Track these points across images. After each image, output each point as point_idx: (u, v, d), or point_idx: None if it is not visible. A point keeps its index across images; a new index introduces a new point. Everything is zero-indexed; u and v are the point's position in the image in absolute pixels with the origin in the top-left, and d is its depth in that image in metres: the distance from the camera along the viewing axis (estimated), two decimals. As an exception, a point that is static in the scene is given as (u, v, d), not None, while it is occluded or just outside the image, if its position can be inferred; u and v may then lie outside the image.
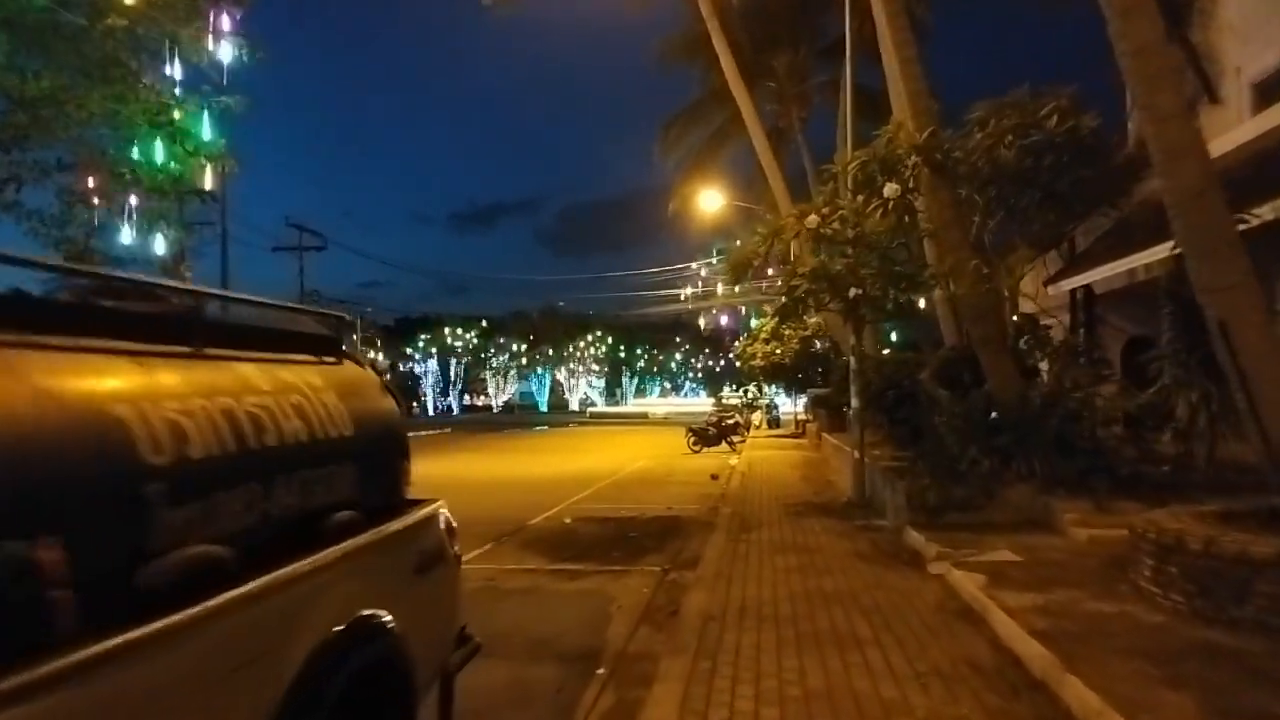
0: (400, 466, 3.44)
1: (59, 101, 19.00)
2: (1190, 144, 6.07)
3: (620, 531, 11.57)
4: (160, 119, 20.21)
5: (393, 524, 3.04)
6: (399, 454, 3.44)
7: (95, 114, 19.53)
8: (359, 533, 2.77)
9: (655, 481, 18.65)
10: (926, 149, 10.05)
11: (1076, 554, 7.76)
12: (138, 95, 19.69)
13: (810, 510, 12.08)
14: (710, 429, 28.14)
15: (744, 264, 11.81)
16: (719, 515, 12.02)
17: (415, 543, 3.26)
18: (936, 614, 6.23)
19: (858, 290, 10.35)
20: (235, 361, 2.56)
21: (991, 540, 8.39)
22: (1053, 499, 9.21)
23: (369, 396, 3.30)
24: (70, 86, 19.10)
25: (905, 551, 8.63)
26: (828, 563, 8.15)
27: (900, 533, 9.60)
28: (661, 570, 8.85)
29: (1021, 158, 10.10)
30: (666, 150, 28.91)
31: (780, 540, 9.58)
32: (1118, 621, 5.55)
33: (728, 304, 44.21)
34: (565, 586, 8.28)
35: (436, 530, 3.59)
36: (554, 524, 12.47)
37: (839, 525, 10.54)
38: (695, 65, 26.84)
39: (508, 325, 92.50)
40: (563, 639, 6.49)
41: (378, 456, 3.23)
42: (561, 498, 15.39)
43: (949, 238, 10.25)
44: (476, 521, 12.66)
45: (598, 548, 10.35)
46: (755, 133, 20.45)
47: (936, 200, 10.26)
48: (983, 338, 10.36)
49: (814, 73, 26.66)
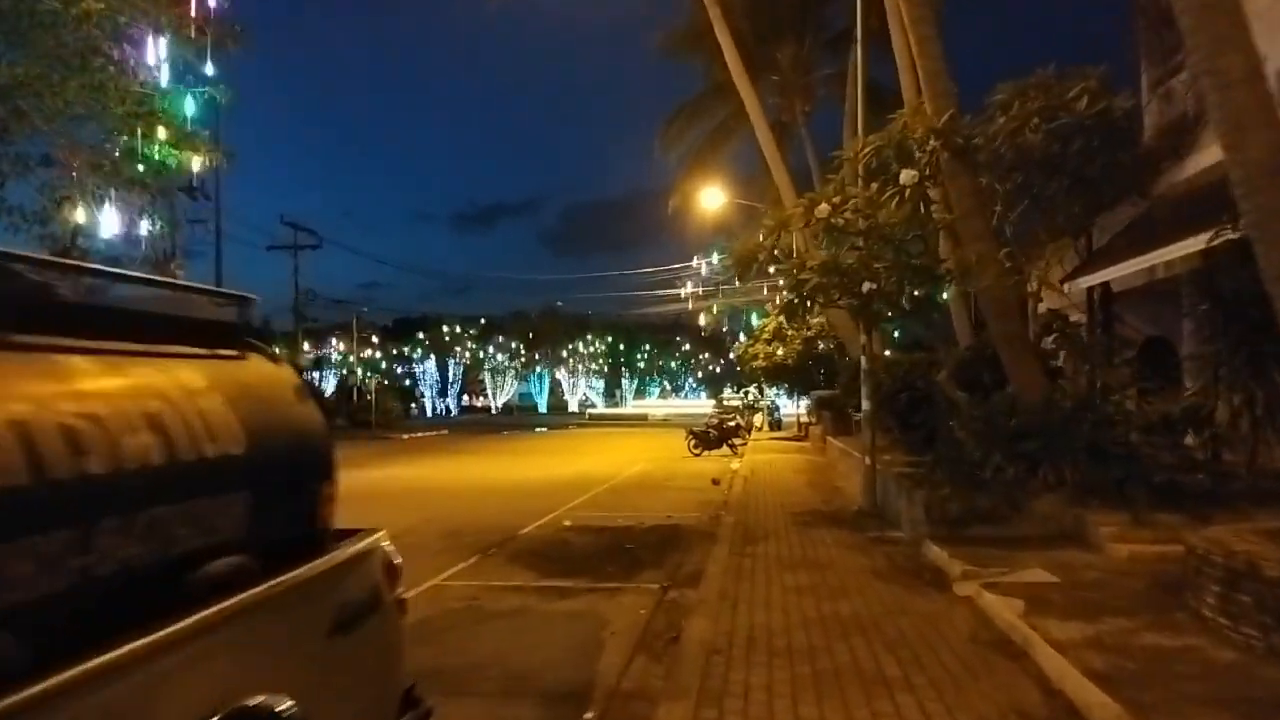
0: (320, 491, 2.67)
1: (37, 92, 18.26)
2: (1261, 113, 5.35)
3: (616, 542, 10.84)
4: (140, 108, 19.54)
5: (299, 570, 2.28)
6: (318, 475, 2.67)
7: (71, 102, 18.82)
8: (246, 586, 2.03)
9: (654, 486, 17.92)
10: (946, 132, 9.32)
11: (1118, 573, 7.03)
12: (116, 84, 19.01)
13: (819, 520, 11.35)
14: (711, 431, 27.40)
15: (749, 258, 11.08)
16: (721, 525, 11.30)
17: (334, 593, 2.50)
18: (971, 647, 5.50)
19: (871, 285, 9.62)
20: (61, 353, 1.84)
21: (1021, 557, 7.66)
22: (1085, 510, 8.49)
23: (278, 401, 2.54)
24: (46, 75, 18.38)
25: (926, 569, 7.90)
26: (842, 582, 7.41)
27: (918, 546, 8.87)
28: (660, 588, 8.11)
29: (1049, 142, 9.39)
30: (668, 146, 28.18)
31: (788, 554, 8.85)
32: (1185, 660, 4.82)
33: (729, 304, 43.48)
34: (554, 607, 7.54)
35: (369, 572, 2.83)
36: (547, 533, 11.74)
37: (851, 537, 9.81)
38: (698, 58, 26.11)
39: (507, 325, 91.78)
40: (548, 672, 5.76)
41: (285, 480, 2.47)
42: (556, 504, 14.66)
43: (970, 228, 9.52)
44: (465, 530, 11.96)
45: (592, 561, 9.62)
46: (759, 124, 19.73)
47: (957, 187, 9.53)
48: (1006, 336, 9.63)
49: (819, 65, 25.95)
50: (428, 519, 13.06)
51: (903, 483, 10.44)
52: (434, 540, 11.18)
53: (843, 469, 18.10)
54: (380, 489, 18.14)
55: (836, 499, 13.71)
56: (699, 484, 17.91)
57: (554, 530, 11.93)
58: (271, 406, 2.46)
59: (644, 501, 15.12)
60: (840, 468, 18.59)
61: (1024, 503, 8.85)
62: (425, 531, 11.90)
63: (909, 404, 13.18)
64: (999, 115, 9.89)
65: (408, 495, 16.91)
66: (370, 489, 18.11)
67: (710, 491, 16.44)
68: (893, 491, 11.04)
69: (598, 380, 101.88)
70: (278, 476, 2.38)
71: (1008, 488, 8.89)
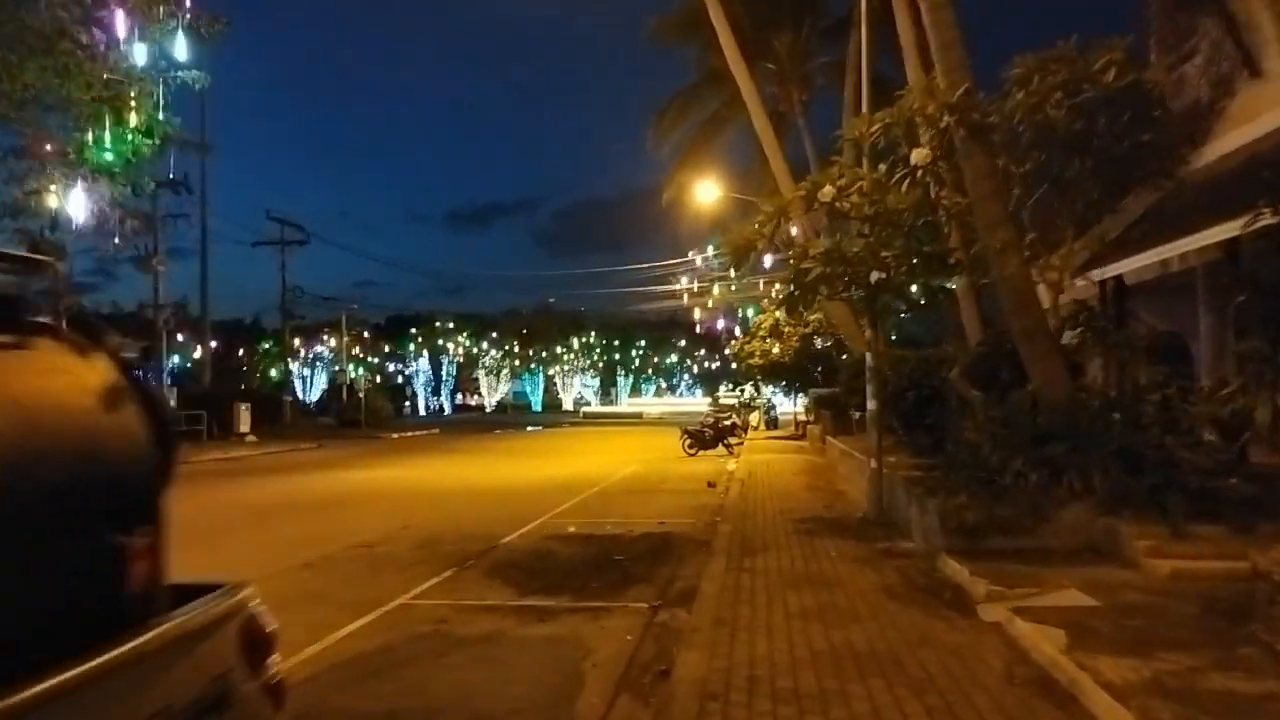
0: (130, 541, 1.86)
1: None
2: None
3: (604, 553, 10.06)
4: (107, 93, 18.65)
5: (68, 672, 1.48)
6: (129, 515, 1.86)
7: (32, 85, 17.91)
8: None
9: (647, 489, 17.14)
10: (962, 108, 8.55)
11: (1163, 594, 6.27)
12: (81, 68, 18.13)
13: (822, 528, 10.58)
14: (706, 431, 26.61)
15: (746, 247, 10.29)
16: (717, 533, 10.53)
17: (141, 694, 1.71)
18: (1009, 689, 4.72)
19: (880, 274, 8.84)
20: None
21: (1050, 574, 6.90)
22: (1118, 521, 7.74)
23: (69, 409, 1.75)
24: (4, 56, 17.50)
25: (945, 587, 7.13)
26: (852, 604, 6.63)
27: (933, 560, 8.11)
28: (650, 608, 7.34)
29: (1072, 118, 8.60)
30: (661, 136, 27.35)
31: (791, 569, 8.07)
32: (1270, 712, 4.05)
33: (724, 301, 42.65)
34: (532, 631, 6.75)
35: (213, 653, 2.02)
36: (530, 542, 10.95)
37: (858, 549, 9.04)
38: (691, 45, 25.37)
39: (501, 323, 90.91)
40: (519, 717, 4.98)
41: (62, 525, 1.67)
42: (544, 509, 13.88)
43: (988, 213, 8.75)
44: (444, 538, 11.17)
45: (577, 575, 8.84)
46: (755, 110, 18.92)
47: (973, 168, 8.75)
48: (1026, 330, 8.85)
49: (817, 53, 25.17)
50: (405, 525, 12.28)
51: (912, 489, 9.68)
52: (409, 550, 10.40)
53: (844, 471, 17.35)
54: (359, 492, 17.35)
55: (839, 504, 12.94)
56: (693, 487, 17.14)
57: (538, 539, 11.15)
58: (55, 416, 1.67)
59: (635, 506, 14.35)
60: (841, 469, 17.83)
61: (1049, 512, 8.08)
62: (401, 540, 11.11)
63: (916, 403, 12.42)
64: (1017, 91, 9.11)
65: (388, 499, 16.12)
66: (348, 493, 17.32)
67: (705, 495, 15.68)
68: (901, 498, 10.28)
69: (593, 379, 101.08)
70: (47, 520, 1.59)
71: (1030, 495, 8.13)
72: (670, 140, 27.68)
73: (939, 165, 8.61)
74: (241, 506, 15.58)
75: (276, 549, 10.72)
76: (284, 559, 9.91)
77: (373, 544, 10.80)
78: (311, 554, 10.15)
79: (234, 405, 37.21)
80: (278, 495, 17.17)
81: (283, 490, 18.15)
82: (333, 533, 11.82)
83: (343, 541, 10.96)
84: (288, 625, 7.12)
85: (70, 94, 18.30)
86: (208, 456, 28.57)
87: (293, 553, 10.28)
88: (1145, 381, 8.45)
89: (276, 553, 10.42)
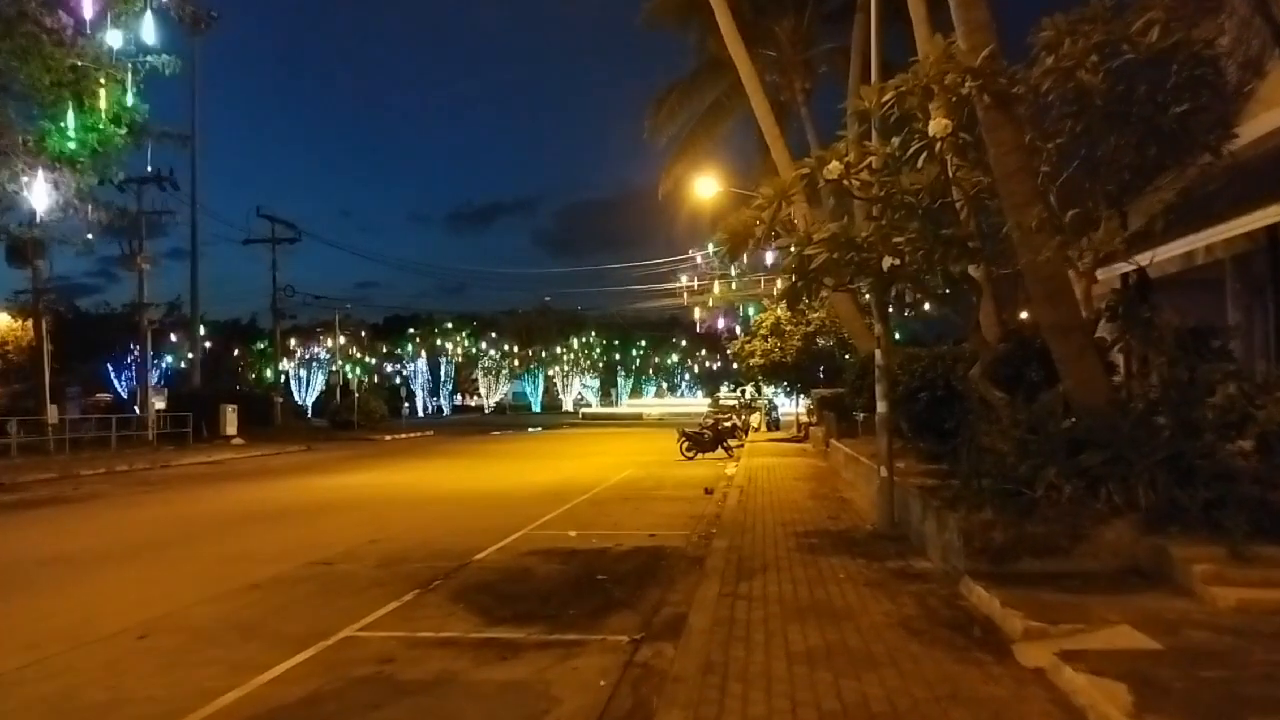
0: None
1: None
2: None
3: (587, 571, 9.09)
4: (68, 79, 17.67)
5: None
6: None
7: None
8: None
9: (641, 496, 16.16)
10: (986, 72, 7.56)
11: (1235, 632, 5.28)
12: (41, 51, 17.16)
13: (827, 543, 9.59)
14: (705, 433, 25.61)
15: (744, 234, 9.31)
16: (711, 548, 9.55)
17: None
18: (1070, 771, 3.74)
19: (894, 260, 7.86)
20: None
21: (1094, 604, 5.92)
22: (1167, 541, 6.74)
23: None
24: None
25: (973, 620, 6.13)
26: (866, 643, 5.64)
27: (955, 584, 7.12)
28: (630, 642, 6.35)
29: (1109, 84, 7.61)
30: (658, 127, 26.39)
31: (793, 596, 7.08)
32: None
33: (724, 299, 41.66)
34: (489, 675, 5.76)
35: None
36: (507, 559, 9.98)
37: (869, 569, 8.04)
38: (690, 30, 24.43)
39: (500, 323, 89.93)
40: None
41: None
42: (529, 518, 12.92)
43: (1015, 190, 7.76)
44: (412, 554, 10.19)
45: (553, 600, 7.86)
46: (754, 94, 17.97)
47: (998, 141, 7.77)
48: (1059, 323, 7.86)
49: (819, 39, 24.21)
50: (374, 538, 11.30)
51: (927, 500, 8.69)
52: (371, 569, 9.43)
53: (849, 476, 16.37)
54: (335, 500, 16.38)
55: (845, 514, 11.95)
56: (689, 493, 16.17)
57: (517, 555, 10.17)
58: None
59: (627, 515, 13.37)
60: (846, 475, 16.85)
61: (1086, 529, 7.09)
62: (365, 556, 10.14)
63: (928, 405, 11.42)
64: (1046, 56, 8.11)
65: (365, 507, 15.15)
66: (323, 500, 16.35)
67: (701, 502, 14.71)
68: (915, 510, 9.29)
69: (593, 379, 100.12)
70: None
71: (1065, 510, 7.14)
72: (668, 132, 26.76)
73: (961, 137, 7.60)
74: (206, 516, 14.62)
75: (227, 566, 9.76)
76: (232, 578, 8.94)
77: (333, 561, 9.82)
78: (263, 573, 9.19)
79: (220, 407, 36.25)
80: (248, 503, 16.21)
81: (255, 497, 17.18)
82: (294, 547, 10.85)
83: (301, 558, 9.99)
84: (207, 665, 6.14)
85: (31, 77, 17.38)
86: (188, 460, 27.63)
87: (244, 571, 9.31)
88: (1193, 379, 7.43)
89: (226, 571, 9.46)
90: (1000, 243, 9.23)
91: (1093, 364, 7.86)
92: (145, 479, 22.07)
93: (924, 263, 7.92)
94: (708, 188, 23.88)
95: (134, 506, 16.32)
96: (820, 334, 30.17)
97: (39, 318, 30.91)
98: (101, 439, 31.60)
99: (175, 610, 7.72)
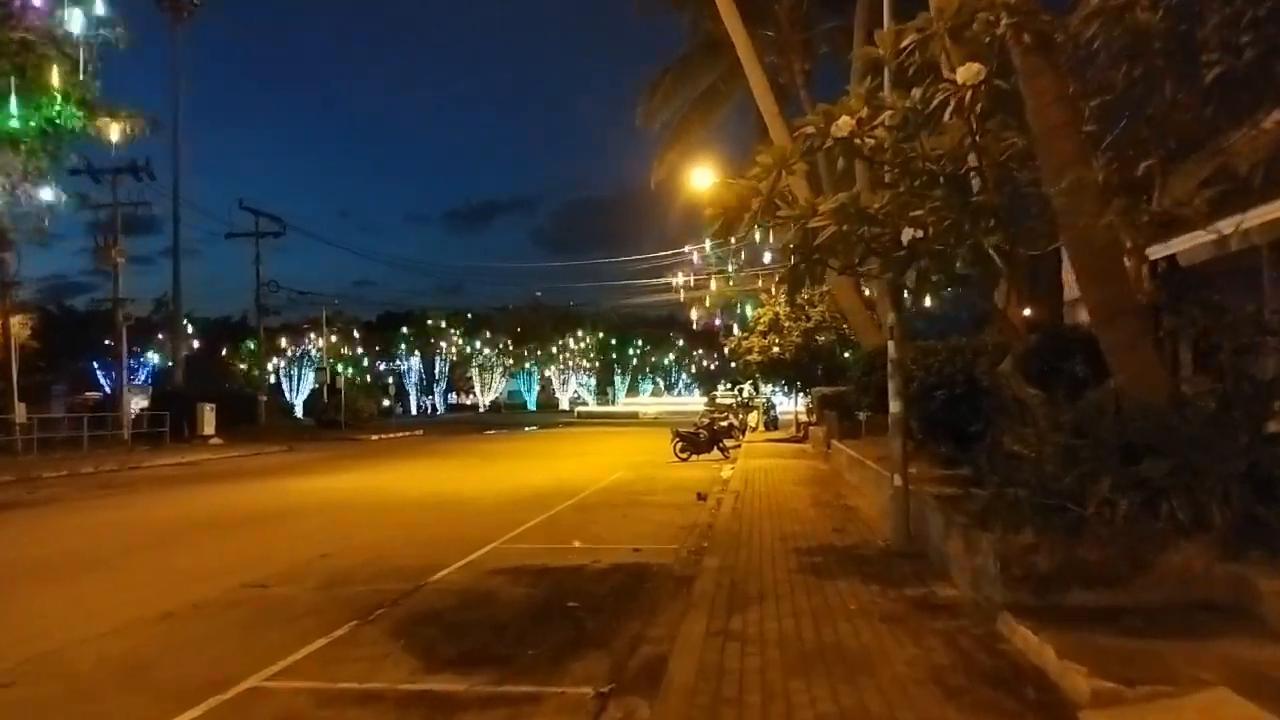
0: None
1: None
2: None
3: (557, 596, 7.88)
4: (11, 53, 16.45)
5: None
6: None
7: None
8: None
9: (630, 501, 14.96)
10: (1025, 9, 6.35)
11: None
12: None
13: (834, 562, 8.39)
14: (700, 433, 24.40)
15: (739, 208, 8.08)
16: (701, 567, 8.35)
17: None
18: None
19: (915, 233, 6.65)
20: None
21: (1172, 654, 4.72)
22: (1248, 569, 5.56)
23: None
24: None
25: (1021, 674, 4.91)
26: (891, 709, 4.41)
27: (992, 620, 5.91)
28: (596, 697, 5.15)
29: (1172, 23, 6.41)
30: (651, 113, 25.18)
31: (796, 636, 5.85)
32: None
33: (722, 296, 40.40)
34: (413, 745, 4.56)
35: None
36: (469, 578, 8.77)
37: (885, 598, 6.83)
38: (685, 9, 23.18)
39: (494, 320, 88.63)
40: None
41: None
42: (505, 527, 11.73)
43: (1057, 149, 6.55)
44: (360, 574, 8.95)
45: (511, 634, 6.66)
46: (753, 72, 16.79)
47: (1037, 91, 6.56)
48: (1109, 306, 6.65)
49: (820, 18, 23.04)
50: (325, 553, 10.10)
51: (950, 515, 7.48)
52: (309, 592, 8.22)
53: (853, 481, 15.17)
54: (302, 505, 15.17)
55: (852, 525, 10.74)
56: (681, 499, 14.96)
57: (481, 574, 8.97)
58: None
59: (611, 525, 12.17)
60: (850, 479, 15.65)
61: (1147, 555, 5.89)
62: (306, 576, 8.92)
63: (945, 404, 10.22)
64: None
65: (325, 514, 13.94)
66: (289, 506, 15.14)
67: (694, 509, 13.52)
68: (935, 524, 8.09)
69: (589, 377, 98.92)
70: None
71: (1124, 531, 5.93)
72: (661, 118, 25.56)
73: (997, 83, 6.38)
74: (157, 523, 13.42)
75: (150, 586, 8.57)
76: (148, 603, 7.74)
77: (268, 583, 8.59)
78: (187, 596, 7.98)
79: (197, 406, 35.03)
80: (208, 509, 15.01)
81: (218, 502, 15.98)
82: (234, 562, 9.66)
83: (237, 577, 8.79)
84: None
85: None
86: (160, 461, 26.41)
87: (166, 593, 8.11)
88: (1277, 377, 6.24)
89: (147, 592, 8.27)
90: (1031, 219, 8.04)
91: (1149, 355, 6.65)
92: (110, 481, 20.85)
93: (951, 235, 6.70)
94: (702, 178, 22.65)
95: (86, 512, 15.13)
96: (820, 330, 28.99)
97: (7, 313, 29.66)
98: (74, 439, 30.39)
99: (66, 645, 6.52)
